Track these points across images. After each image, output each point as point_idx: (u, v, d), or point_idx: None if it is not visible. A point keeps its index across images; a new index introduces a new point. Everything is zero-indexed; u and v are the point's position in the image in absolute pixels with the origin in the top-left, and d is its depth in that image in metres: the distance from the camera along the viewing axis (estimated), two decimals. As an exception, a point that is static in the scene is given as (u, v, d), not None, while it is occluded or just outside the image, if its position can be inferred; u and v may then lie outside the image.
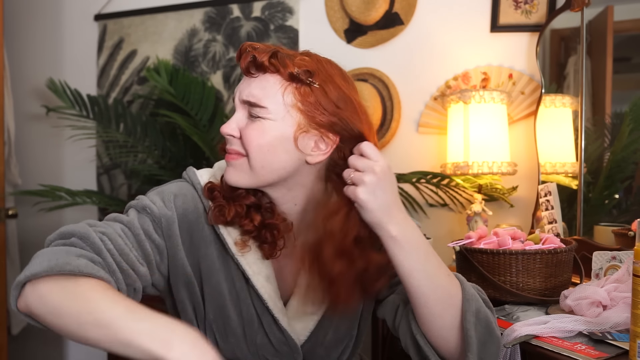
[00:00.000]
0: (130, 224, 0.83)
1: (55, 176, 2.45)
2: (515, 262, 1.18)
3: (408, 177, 1.70)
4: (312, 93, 0.80)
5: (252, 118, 0.82)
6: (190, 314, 0.90)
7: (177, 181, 0.92)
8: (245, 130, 0.82)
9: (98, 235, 0.78)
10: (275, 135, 0.80)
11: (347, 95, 0.82)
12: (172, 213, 0.85)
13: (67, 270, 0.70)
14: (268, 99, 0.80)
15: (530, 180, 1.73)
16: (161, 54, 2.28)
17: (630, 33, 1.63)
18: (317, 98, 0.80)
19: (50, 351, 2.48)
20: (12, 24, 2.37)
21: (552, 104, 1.69)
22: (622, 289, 1.05)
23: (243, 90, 0.83)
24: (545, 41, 1.74)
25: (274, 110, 0.80)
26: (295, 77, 0.80)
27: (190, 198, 0.88)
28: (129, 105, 2.34)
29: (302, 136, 0.80)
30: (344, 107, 0.81)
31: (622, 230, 1.46)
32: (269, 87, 0.80)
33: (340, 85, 0.82)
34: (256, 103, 0.80)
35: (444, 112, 1.83)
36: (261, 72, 0.81)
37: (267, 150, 0.80)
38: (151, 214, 0.84)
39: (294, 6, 2.09)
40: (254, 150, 0.81)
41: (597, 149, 1.61)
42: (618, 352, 0.89)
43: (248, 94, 0.81)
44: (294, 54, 0.83)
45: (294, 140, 0.80)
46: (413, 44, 1.92)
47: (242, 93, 0.83)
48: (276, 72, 0.80)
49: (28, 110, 2.44)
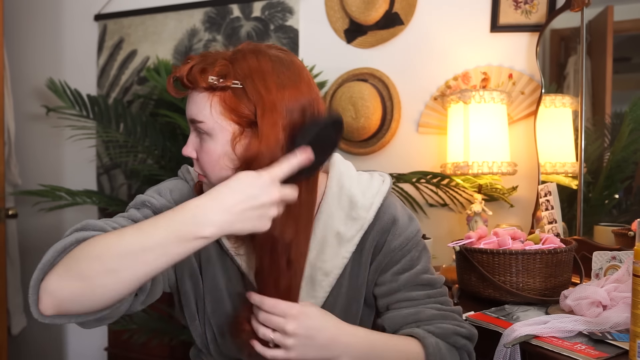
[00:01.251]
0: (132, 217, 0.83)
1: (55, 176, 2.45)
2: (515, 262, 1.18)
3: (408, 177, 1.70)
4: (233, 95, 0.77)
5: (200, 136, 0.81)
6: (193, 307, 0.91)
7: (173, 179, 0.94)
8: (199, 153, 0.82)
9: (108, 223, 0.79)
10: (219, 153, 0.79)
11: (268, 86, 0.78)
12: (171, 205, 0.86)
13: (81, 238, 0.70)
14: (201, 114, 0.79)
15: (530, 180, 1.73)
16: (161, 54, 2.28)
17: (630, 33, 1.63)
18: (238, 98, 0.77)
19: (50, 351, 2.48)
20: (12, 24, 2.37)
21: (552, 104, 1.69)
22: (622, 289, 1.05)
23: (187, 109, 0.82)
24: (545, 41, 1.74)
25: (210, 124, 0.78)
26: (212, 87, 0.78)
27: (187, 192, 0.90)
28: (129, 105, 2.34)
29: (239, 144, 0.78)
30: (270, 91, 0.77)
31: (622, 230, 1.46)
32: (198, 101, 0.79)
33: (264, 72, 0.78)
34: (194, 119, 0.80)
35: (444, 112, 1.83)
36: (188, 89, 0.81)
37: (219, 167, 0.80)
38: (152, 207, 0.85)
39: (294, 6, 2.09)
40: (209, 172, 0.81)
41: (597, 149, 1.61)
42: (618, 352, 0.89)
43: (188, 112, 0.81)
44: (215, 58, 0.79)
45: (233, 149, 0.78)
46: (413, 44, 1.93)
47: (187, 112, 0.82)
48: (196, 88, 0.79)
49: (28, 110, 2.44)
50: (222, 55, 0.80)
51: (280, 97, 0.77)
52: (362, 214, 0.88)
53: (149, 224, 0.69)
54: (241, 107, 0.77)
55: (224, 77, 0.77)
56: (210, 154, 0.80)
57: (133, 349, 2.00)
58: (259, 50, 0.81)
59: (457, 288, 1.32)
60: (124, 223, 0.80)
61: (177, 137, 2.15)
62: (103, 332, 2.20)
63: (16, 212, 2.05)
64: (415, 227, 0.93)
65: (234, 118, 0.78)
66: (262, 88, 0.77)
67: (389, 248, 0.90)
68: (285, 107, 0.77)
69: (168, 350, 1.97)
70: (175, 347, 1.96)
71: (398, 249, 0.90)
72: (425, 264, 0.93)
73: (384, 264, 0.91)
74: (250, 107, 0.77)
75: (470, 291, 1.26)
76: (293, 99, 0.77)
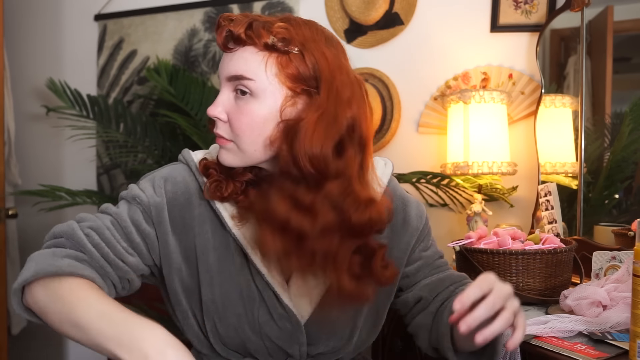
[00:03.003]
0: (118, 216, 0.84)
1: (55, 176, 2.45)
2: (515, 262, 1.18)
3: (408, 177, 1.70)
4: (290, 60, 0.76)
5: (240, 96, 0.79)
6: (185, 305, 0.88)
7: (171, 164, 0.91)
8: (234, 114, 0.79)
9: (85, 230, 0.80)
10: (265, 114, 0.77)
11: (327, 58, 0.78)
12: (161, 199, 0.85)
13: (51, 272, 0.73)
14: (253, 72, 0.77)
15: (530, 180, 1.73)
16: (161, 54, 2.28)
17: (630, 33, 1.63)
18: (296, 64, 0.76)
19: (50, 351, 2.48)
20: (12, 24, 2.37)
21: (552, 104, 1.69)
22: (622, 289, 1.05)
23: (226, 66, 0.79)
24: (545, 41, 1.74)
25: (261, 84, 0.77)
26: (271, 47, 0.76)
27: (181, 180, 0.87)
28: (129, 105, 2.34)
29: (289, 108, 0.77)
30: (323, 71, 0.77)
31: (622, 230, 1.46)
32: (251, 59, 0.77)
33: (321, 49, 0.78)
34: (243, 75, 0.77)
35: (444, 112, 1.83)
36: (240, 45, 0.78)
37: (258, 132, 0.78)
38: (141, 204, 0.84)
39: (294, 6, 2.09)
40: (244, 135, 0.79)
41: (597, 149, 1.61)
42: (618, 352, 0.89)
43: (233, 68, 0.78)
44: (272, 20, 0.78)
45: (280, 113, 0.77)
46: (413, 44, 1.92)
47: (226, 69, 0.79)
48: (253, 44, 0.77)
49: (28, 110, 2.44)
50: (275, 19, 0.80)
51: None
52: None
53: (100, 318, 0.68)
54: (299, 74, 0.76)
55: (285, 40, 0.76)
56: (251, 116, 0.78)
57: (133, 349, 2.00)
58: (311, 25, 0.81)
59: (457, 288, 1.32)
60: (107, 224, 0.82)
61: (177, 137, 2.15)
62: (103, 332, 2.20)
63: (16, 212, 2.05)
64: (423, 207, 1.01)
65: (288, 83, 0.77)
66: (322, 59, 0.77)
67: (412, 227, 0.95)
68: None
69: (168, 350, 1.97)
70: (175, 347, 1.96)
71: (420, 228, 0.97)
72: (434, 239, 1.02)
73: (412, 244, 0.95)
74: (308, 76, 0.77)
75: (470, 291, 1.26)
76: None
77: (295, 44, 0.77)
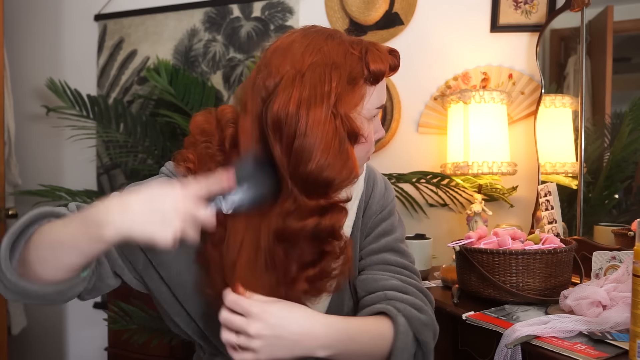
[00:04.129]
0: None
1: (55, 176, 2.45)
2: (515, 262, 1.18)
3: (408, 177, 1.70)
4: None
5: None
6: (185, 316, 0.87)
7: (157, 177, 0.89)
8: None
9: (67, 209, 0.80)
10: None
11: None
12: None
13: (18, 229, 0.71)
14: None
15: (530, 180, 1.73)
16: (161, 54, 2.28)
17: (630, 33, 1.63)
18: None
19: (50, 351, 2.48)
20: (12, 24, 2.37)
21: (552, 104, 1.69)
22: (622, 288, 1.05)
23: (382, 96, 0.85)
24: (545, 41, 1.74)
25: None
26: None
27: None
28: (129, 105, 2.34)
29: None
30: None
31: (622, 230, 1.46)
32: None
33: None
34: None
35: (444, 112, 1.83)
36: (386, 76, 0.84)
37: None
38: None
39: (294, 6, 2.09)
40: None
41: (597, 149, 1.61)
42: (618, 352, 0.89)
43: (384, 99, 0.86)
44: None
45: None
46: (413, 44, 1.93)
47: (383, 99, 0.85)
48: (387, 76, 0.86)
49: (28, 110, 2.44)
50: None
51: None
52: (355, 184, 0.89)
53: (70, 219, 0.69)
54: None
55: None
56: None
57: (133, 349, 2.00)
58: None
59: (457, 288, 1.32)
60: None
61: (177, 137, 2.15)
62: (103, 332, 2.20)
63: (16, 212, 2.05)
64: (392, 193, 0.98)
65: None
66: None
67: (371, 211, 0.93)
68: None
69: (168, 350, 1.97)
70: (175, 347, 1.96)
71: (379, 212, 0.94)
72: (401, 234, 0.96)
73: (368, 226, 0.93)
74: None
75: (470, 291, 1.27)
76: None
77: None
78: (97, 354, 2.29)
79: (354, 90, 0.77)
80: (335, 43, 0.79)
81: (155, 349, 1.96)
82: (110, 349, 2.13)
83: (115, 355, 2.11)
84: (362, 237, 0.93)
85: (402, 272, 0.91)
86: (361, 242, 0.93)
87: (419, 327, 0.83)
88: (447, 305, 1.22)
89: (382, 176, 0.99)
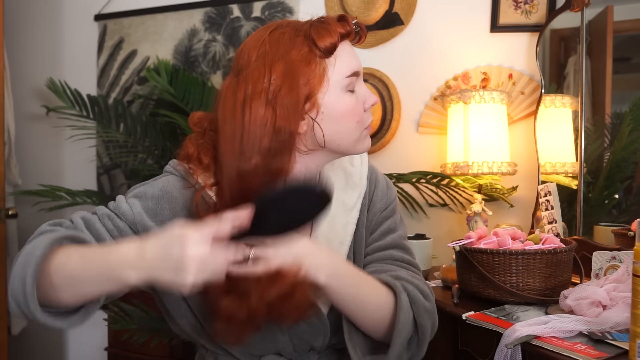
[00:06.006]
0: (108, 226, 0.83)
1: (55, 176, 2.45)
2: (515, 262, 1.18)
3: (408, 177, 1.70)
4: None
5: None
6: (176, 299, 0.87)
7: (162, 178, 0.88)
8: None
9: (74, 218, 0.82)
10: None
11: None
12: (153, 224, 0.82)
13: (37, 259, 0.71)
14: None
15: (530, 180, 1.73)
16: (161, 54, 2.28)
17: (630, 33, 1.63)
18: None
19: (50, 351, 2.48)
20: (12, 24, 2.37)
21: (552, 104, 1.69)
22: (622, 288, 1.05)
23: (356, 59, 0.86)
24: (545, 41, 1.74)
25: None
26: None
27: (177, 190, 0.85)
28: (129, 105, 2.34)
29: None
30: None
31: (622, 230, 1.46)
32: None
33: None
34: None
35: (444, 112, 1.83)
36: (355, 42, 0.87)
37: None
38: (125, 221, 0.82)
39: (294, 6, 2.09)
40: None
41: (597, 149, 1.61)
42: (618, 352, 0.89)
43: (359, 63, 0.87)
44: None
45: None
46: (413, 44, 1.92)
47: (357, 63, 0.86)
48: (358, 41, 0.89)
49: (28, 110, 2.44)
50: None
51: None
52: (357, 182, 0.93)
53: (91, 256, 0.70)
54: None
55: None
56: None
57: (133, 349, 2.00)
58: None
59: (457, 288, 1.32)
60: (97, 225, 0.82)
61: (177, 137, 2.15)
62: (103, 332, 2.20)
63: (16, 212, 2.05)
64: (394, 191, 1.00)
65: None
66: None
67: (376, 208, 0.95)
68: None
69: (168, 350, 1.97)
70: (175, 347, 1.96)
71: (383, 209, 0.96)
72: (404, 231, 0.98)
73: (373, 223, 0.95)
74: None
75: (470, 291, 1.27)
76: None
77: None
78: (97, 354, 2.29)
79: (310, 69, 0.79)
80: (278, 33, 0.81)
81: (155, 349, 1.97)
82: (110, 349, 2.14)
83: (115, 355, 2.11)
84: (368, 234, 0.95)
85: (408, 268, 0.93)
86: (367, 239, 0.95)
87: (421, 311, 0.84)
88: (447, 305, 1.22)
89: (383, 175, 1.01)
